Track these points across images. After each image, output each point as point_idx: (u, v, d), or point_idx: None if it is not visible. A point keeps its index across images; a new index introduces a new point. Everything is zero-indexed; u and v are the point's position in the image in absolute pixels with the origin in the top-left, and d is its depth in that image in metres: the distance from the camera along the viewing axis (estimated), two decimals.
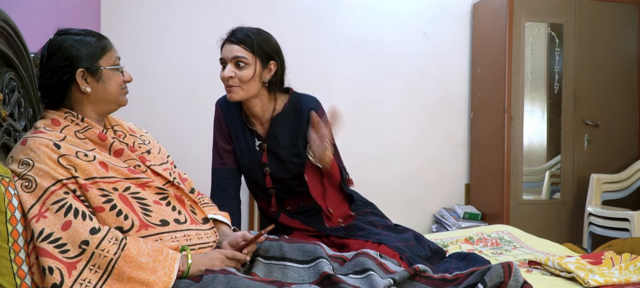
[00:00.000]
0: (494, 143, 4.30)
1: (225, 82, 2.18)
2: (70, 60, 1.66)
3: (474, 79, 4.59)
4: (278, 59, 2.24)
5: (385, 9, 4.46)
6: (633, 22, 4.42)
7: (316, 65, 4.35)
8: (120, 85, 1.75)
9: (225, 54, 2.18)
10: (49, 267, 1.42)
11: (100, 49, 1.70)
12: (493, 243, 2.58)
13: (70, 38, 1.69)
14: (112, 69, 1.71)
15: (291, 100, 2.29)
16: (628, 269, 2.01)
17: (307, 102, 2.29)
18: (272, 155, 2.28)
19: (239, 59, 2.15)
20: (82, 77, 1.68)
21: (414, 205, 4.55)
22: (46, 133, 1.61)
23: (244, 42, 2.16)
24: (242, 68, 2.15)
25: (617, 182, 4.21)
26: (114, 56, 1.73)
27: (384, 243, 2.07)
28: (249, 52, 2.16)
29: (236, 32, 2.20)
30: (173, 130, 4.03)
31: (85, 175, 1.58)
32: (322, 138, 1.97)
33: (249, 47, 2.16)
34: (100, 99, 1.71)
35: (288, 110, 2.28)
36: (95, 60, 1.69)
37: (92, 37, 1.71)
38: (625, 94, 4.41)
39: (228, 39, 2.20)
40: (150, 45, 4.05)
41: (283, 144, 2.26)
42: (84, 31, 1.73)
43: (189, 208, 1.78)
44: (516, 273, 1.53)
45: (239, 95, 2.18)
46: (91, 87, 1.69)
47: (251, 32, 2.19)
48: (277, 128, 2.27)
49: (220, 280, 1.47)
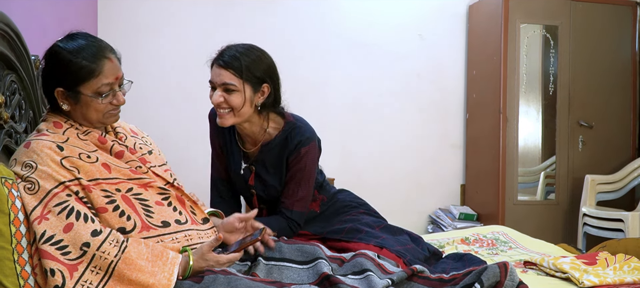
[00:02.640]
0: (489, 144, 4.33)
1: (215, 106, 2.09)
2: (55, 75, 1.64)
3: (469, 80, 4.62)
4: (270, 81, 2.10)
5: (381, 11, 4.48)
6: (627, 23, 4.45)
7: (312, 66, 4.37)
8: (102, 110, 1.66)
9: (213, 78, 2.06)
10: (51, 269, 1.43)
11: (87, 74, 1.60)
12: (489, 243, 2.60)
13: (63, 52, 1.61)
14: (92, 96, 1.62)
15: (284, 129, 2.16)
16: (622, 270, 2.04)
17: (297, 136, 2.15)
18: (258, 179, 2.22)
19: (227, 85, 2.02)
20: (61, 95, 1.65)
21: (410, 205, 4.57)
22: (49, 135, 1.62)
23: (232, 66, 2.02)
24: (232, 94, 2.03)
25: (611, 182, 4.24)
26: (101, 82, 1.62)
27: (385, 248, 2.06)
28: (237, 78, 2.02)
29: (224, 54, 2.06)
30: (168, 132, 4.04)
31: (88, 176, 1.59)
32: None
33: (237, 72, 2.02)
34: (80, 117, 1.68)
35: (279, 140, 2.16)
36: (77, 85, 1.61)
37: (83, 59, 1.60)
38: (620, 95, 4.45)
39: (216, 61, 2.06)
40: (147, 46, 4.06)
41: (270, 171, 2.20)
42: (82, 47, 1.62)
43: (189, 209, 1.79)
44: (512, 272, 1.55)
45: (229, 121, 2.07)
46: (69, 107, 1.66)
47: (240, 54, 2.04)
48: (266, 155, 2.18)
49: (221, 281, 1.49)
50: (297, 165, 2.15)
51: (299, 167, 2.15)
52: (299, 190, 2.16)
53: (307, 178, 2.17)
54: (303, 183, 2.16)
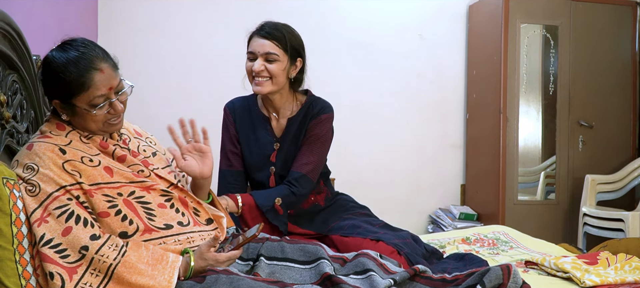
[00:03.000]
0: (489, 144, 4.33)
1: (253, 74, 2.22)
2: (48, 87, 1.64)
3: (469, 80, 4.62)
4: (303, 56, 2.30)
5: (381, 11, 4.48)
6: (627, 23, 4.45)
7: (312, 66, 4.32)
8: (100, 120, 1.63)
9: (255, 48, 2.22)
10: (51, 272, 1.43)
11: (77, 88, 1.56)
12: (490, 243, 2.60)
13: (53, 64, 1.58)
14: (87, 109, 1.60)
15: (307, 102, 2.34)
16: (623, 269, 2.04)
17: (320, 104, 2.34)
18: (281, 155, 2.31)
19: (270, 55, 2.19)
20: (59, 106, 1.64)
21: (410, 205, 4.57)
22: (52, 138, 1.62)
23: (276, 37, 2.20)
24: (273, 63, 2.20)
25: (611, 182, 4.24)
26: (94, 95, 1.58)
27: (381, 240, 2.09)
28: (280, 48, 2.21)
29: (265, 26, 2.23)
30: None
31: (90, 180, 1.59)
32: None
33: (281, 43, 2.21)
34: (80, 126, 1.67)
35: (302, 111, 2.32)
36: (69, 98, 1.59)
37: (72, 73, 1.55)
38: (620, 95, 4.45)
39: (258, 32, 2.23)
40: (147, 45, 4.06)
41: (291, 144, 2.31)
42: (70, 61, 1.57)
43: (192, 210, 1.79)
44: (515, 275, 1.55)
45: (267, 88, 2.22)
46: (68, 117, 1.65)
47: (281, 27, 2.24)
48: (291, 129, 2.31)
49: (223, 281, 1.49)
50: (315, 130, 2.28)
51: (317, 131, 2.28)
52: (311, 155, 2.27)
53: (321, 144, 2.30)
54: (316, 150, 2.28)
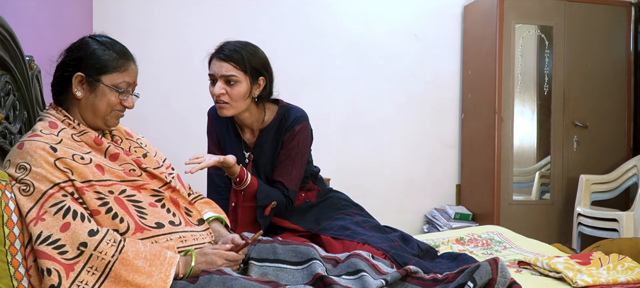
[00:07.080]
0: (484, 144, 4.34)
1: (216, 98, 2.19)
2: (78, 61, 1.68)
3: (464, 80, 4.63)
4: (266, 74, 2.24)
5: (376, 11, 4.49)
6: (622, 24, 4.47)
7: (308, 67, 4.37)
8: (113, 106, 1.72)
9: (214, 70, 2.18)
10: (48, 268, 1.43)
11: (113, 66, 1.70)
12: (484, 243, 2.60)
13: (95, 42, 1.71)
14: (110, 88, 1.70)
15: (279, 113, 2.30)
16: (616, 269, 2.04)
17: (292, 115, 2.29)
18: (255, 166, 2.32)
19: (230, 77, 2.15)
20: (79, 81, 1.69)
21: (406, 205, 4.58)
22: (43, 136, 1.62)
23: (234, 59, 2.15)
24: (233, 86, 2.16)
25: (606, 182, 4.26)
26: (122, 79, 1.72)
27: (368, 243, 2.10)
28: (239, 70, 2.15)
29: (224, 48, 2.19)
30: (165, 132, 4.04)
31: (82, 178, 1.59)
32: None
33: (240, 64, 2.15)
34: (88, 109, 1.71)
35: (275, 122, 2.29)
36: (98, 73, 1.69)
37: (114, 52, 1.71)
38: (614, 96, 4.46)
39: (217, 54, 2.19)
40: (142, 46, 4.05)
41: (266, 156, 2.30)
42: (115, 42, 1.75)
43: (183, 211, 1.79)
44: (503, 268, 1.54)
45: (229, 111, 2.20)
46: (83, 94, 1.69)
47: (241, 48, 2.18)
48: (263, 139, 2.30)
49: (216, 281, 1.49)
50: (292, 142, 2.26)
51: (293, 144, 2.26)
52: (293, 169, 2.27)
53: (300, 156, 2.28)
54: (297, 162, 2.27)
